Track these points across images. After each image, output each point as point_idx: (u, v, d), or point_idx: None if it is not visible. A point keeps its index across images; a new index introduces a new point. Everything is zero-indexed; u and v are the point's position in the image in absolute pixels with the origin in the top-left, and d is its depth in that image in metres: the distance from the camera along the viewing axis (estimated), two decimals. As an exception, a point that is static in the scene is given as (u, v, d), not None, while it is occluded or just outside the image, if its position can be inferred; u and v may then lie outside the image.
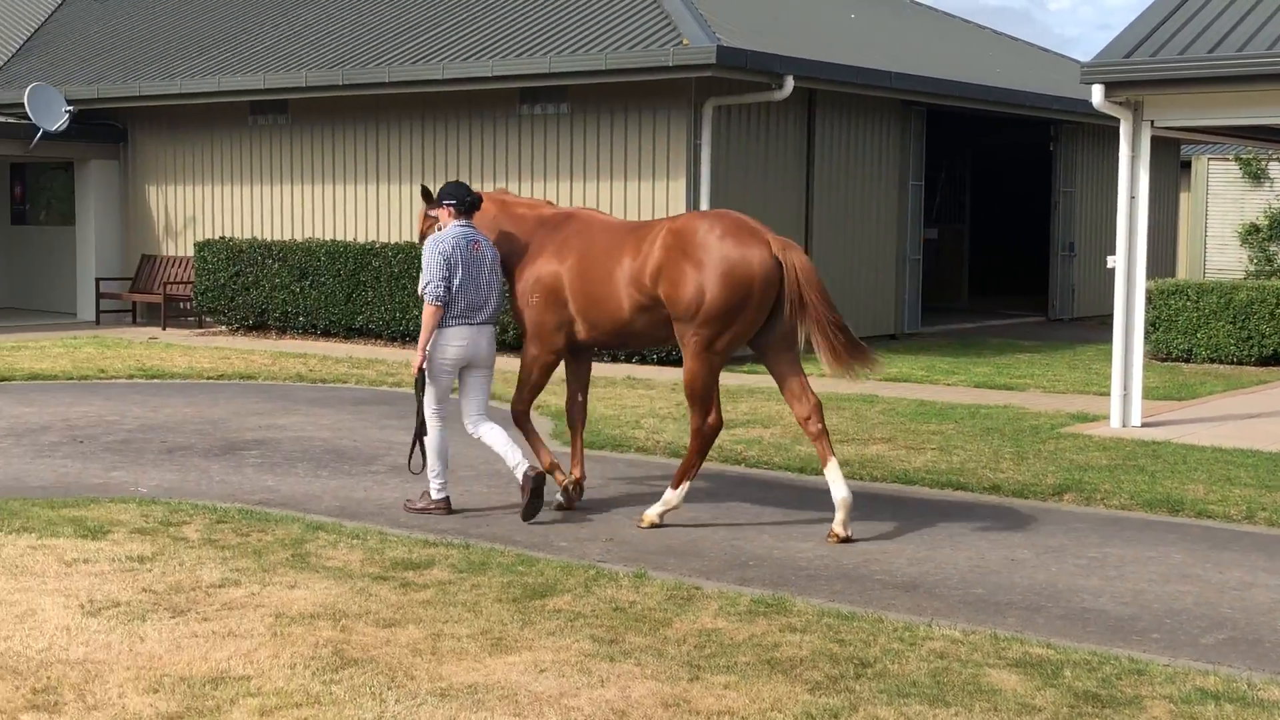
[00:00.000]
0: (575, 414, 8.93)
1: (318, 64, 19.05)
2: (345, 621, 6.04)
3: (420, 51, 18.30)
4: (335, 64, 18.84)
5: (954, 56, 22.51)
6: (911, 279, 20.26)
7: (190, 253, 21.19)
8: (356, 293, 18.45)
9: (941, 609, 6.58)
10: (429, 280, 8.28)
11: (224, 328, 20.19)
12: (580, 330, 8.52)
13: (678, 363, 16.11)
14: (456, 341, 8.36)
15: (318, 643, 5.73)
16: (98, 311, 21.63)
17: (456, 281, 8.28)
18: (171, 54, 21.54)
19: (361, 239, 19.34)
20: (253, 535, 7.65)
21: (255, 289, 19.38)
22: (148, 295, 21.18)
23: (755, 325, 8.09)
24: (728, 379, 15.00)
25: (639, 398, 13.39)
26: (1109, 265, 12.22)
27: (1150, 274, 14.21)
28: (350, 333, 18.78)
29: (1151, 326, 16.23)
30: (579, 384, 8.96)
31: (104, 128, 21.89)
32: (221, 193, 20.98)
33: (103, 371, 15.02)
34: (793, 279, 8.00)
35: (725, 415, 12.20)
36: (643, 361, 16.36)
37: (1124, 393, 11.92)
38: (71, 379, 14.60)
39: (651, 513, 8.26)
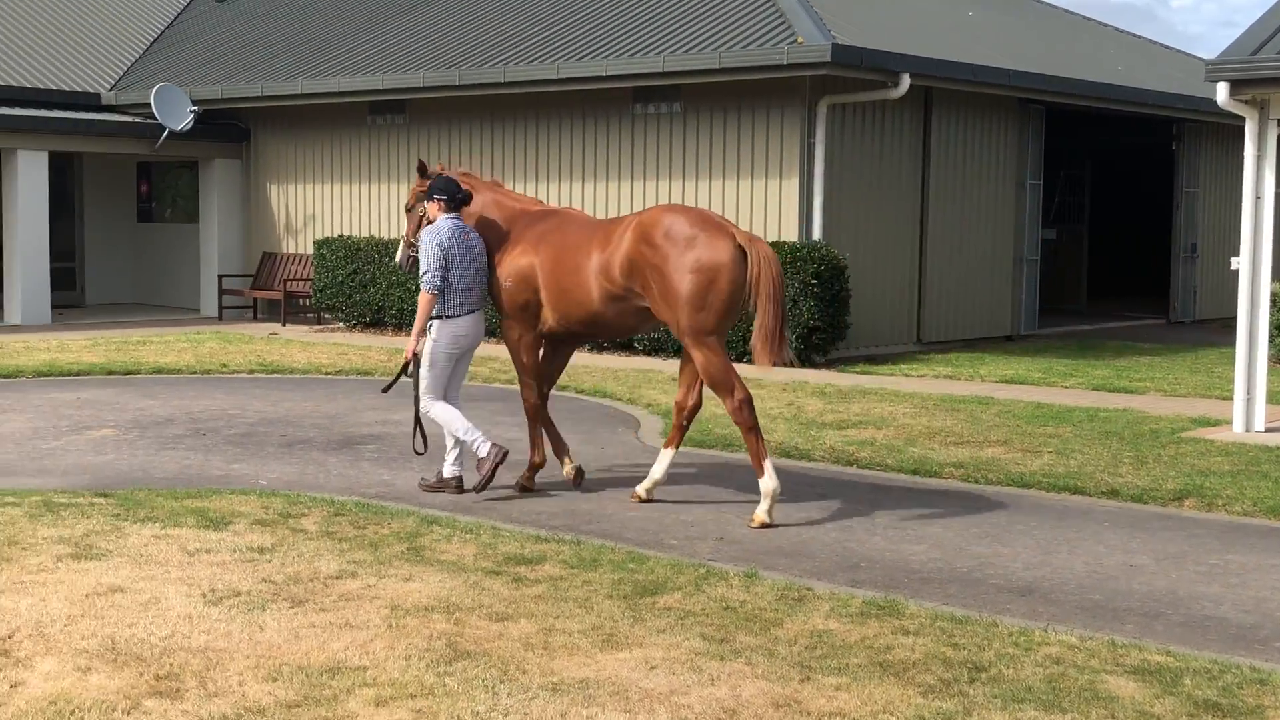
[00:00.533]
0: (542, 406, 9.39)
1: (435, 64, 19.28)
2: (459, 614, 6.11)
3: (535, 52, 18.44)
4: (452, 64, 19.05)
5: (1074, 54, 22.16)
6: (1029, 280, 19.97)
7: (309, 250, 21.57)
8: (470, 290, 18.62)
9: (1057, 614, 6.49)
10: (427, 270, 8.73)
11: (341, 324, 20.51)
12: (549, 318, 8.96)
13: (788, 363, 16.04)
14: (460, 330, 8.85)
15: (432, 635, 5.81)
16: (220, 307, 22.11)
17: (454, 272, 8.76)
18: (293, 55, 21.94)
19: (476, 237, 19.51)
20: (369, 528, 7.76)
21: (372, 286, 19.67)
22: (268, 292, 21.60)
23: (736, 307, 8.44)
24: (840, 379, 14.92)
25: (750, 397, 13.35)
26: (1232, 267, 11.94)
27: (1275, 276, 13.86)
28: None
29: (1276, 330, 15.83)
30: (547, 378, 9.47)
31: (227, 127, 22.36)
32: (340, 191, 21.33)
33: (224, 366, 15.34)
34: (762, 268, 8.29)
35: (837, 416, 12.17)
36: (753, 361, 16.30)
37: (1247, 397, 11.64)
38: (195, 373, 14.94)
39: (760, 512, 8.29)
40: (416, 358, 8.89)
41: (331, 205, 21.48)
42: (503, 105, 19.18)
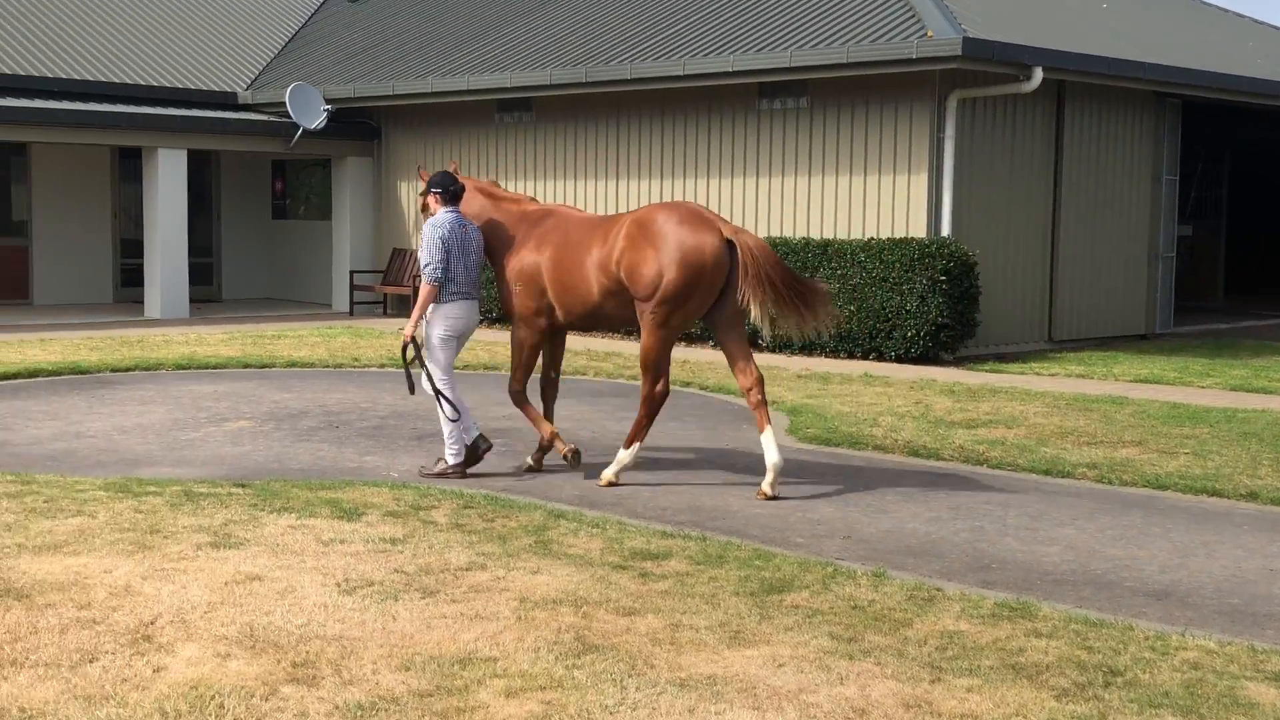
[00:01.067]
0: (548, 389, 9.90)
1: (562, 62, 19.41)
2: (586, 608, 6.15)
3: (661, 48, 18.47)
4: (578, 62, 19.16)
5: (1211, 46, 21.62)
6: (1164, 277, 19.54)
7: (438, 246, 21.83)
8: (596, 287, 18.73)
9: (1195, 619, 6.34)
10: (428, 262, 9.20)
11: (615, 330, 20.70)
12: (558, 313, 9.46)
13: (917, 360, 15.92)
14: (455, 315, 9.34)
15: (560, 628, 5.85)
16: (351, 303, 22.51)
17: (453, 262, 9.25)
18: (424, 54, 22.24)
19: (602, 234, 19.62)
20: (497, 521, 7.85)
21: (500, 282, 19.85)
22: (398, 288, 21.94)
23: (705, 305, 8.95)
24: (969, 377, 14.73)
25: (876, 395, 13.25)
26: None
27: None
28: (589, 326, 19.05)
29: None
30: (552, 363, 9.88)
31: (359, 126, 22.75)
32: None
33: (356, 360, 15.61)
34: (750, 259, 8.73)
35: (967, 415, 12.02)
36: (880, 358, 16.19)
37: (1396, 399, 11.26)
38: (327, 367, 15.23)
39: (608, 472, 9.08)
40: (415, 343, 9.39)
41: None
42: (628, 102, 19.25)
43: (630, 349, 17.25)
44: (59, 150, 22.86)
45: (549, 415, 9.80)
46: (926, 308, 15.62)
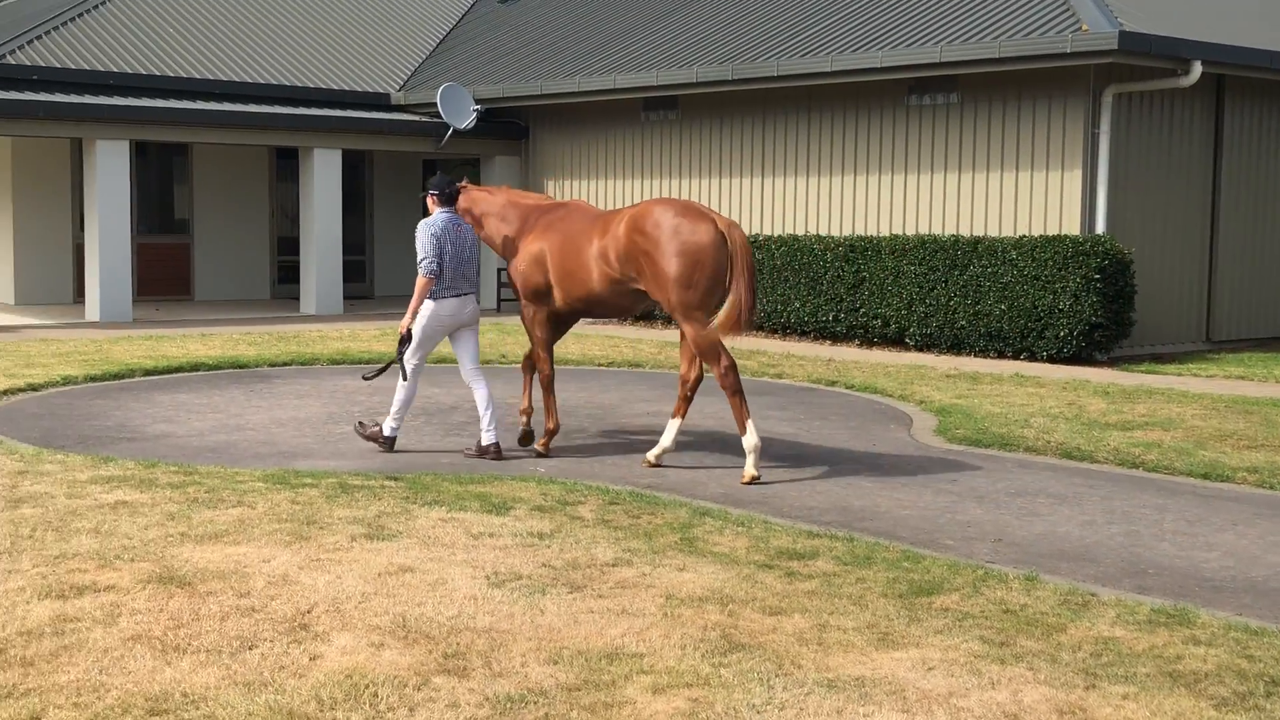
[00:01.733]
0: (527, 365, 10.52)
1: (707, 60, 19.42)
2: (732, 606, 6.15)
3: (808, 45, 18.37)
4: (724, 59, 19.15)
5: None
6: (1329, 276, 18.89)
7: (584, 244, 22.01)
8: (741, 284, 18.70)
9: (1364, 631, 6.11)
10: (424, 257, 9.74)
11: (614, 317, 20.86)
12: (556, 298, 10.02)
13: (1070, 360, 15.60)
14: (447, 311, 9.89)
15: (706, 625, 5.86)
16: (499, 300, 22.79)
17: (446, 258, 9.76)
18: (571, 53, 22.43)
19: (747, 231, 19.60)
20: (643, 518, 7.88)
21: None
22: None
23: (718, 286, 9.28)
24: (1124, 378, 14.39)
25: (1028, 395, 13.02)
26: None
27: None
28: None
29: None
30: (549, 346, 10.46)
31: (508, 125, 23.02)
32: (614, 186, 21.70)
33: (503, 357, 15.80)
34: (735, 252, 9.23)
35: (1121, 416, 11.75)
36: (1032, 358, 15.91)
37: None
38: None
39: (749, 468, 9.20)
40: (409, 333, 9.94)
41: (605, 200, 21.87)
42: (774, 99, 19.19)
43: (773, 346, 17.19)
44: (219, 150, 23.55)
45: (528, 384, 10.59)
46: (1080, 306, 15.31)
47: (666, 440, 9.71)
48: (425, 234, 9.78)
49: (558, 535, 7.38)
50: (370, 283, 25.48)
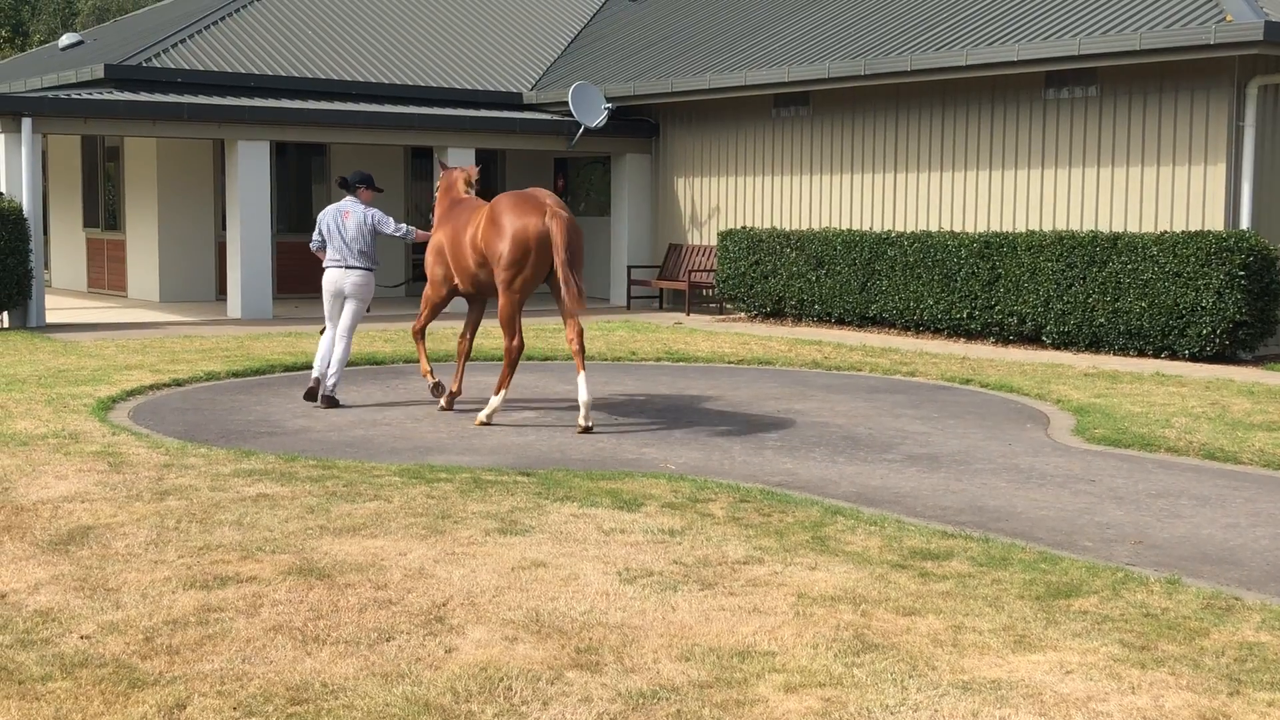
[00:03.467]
0: (461, 348, 12.21)
1: (839, 55, 19.29)
2: (865, 606, 6.10)
3: (941, 38, 18.15)
4: (857, 54, 19.00)
5: None
6: None
7: (713, 242, 22.02)
8: (871, 281, 18.57)
9: None
10: (314, 235, 12.18)
11: (743, 314, 20.84)
12: (455, 280, 11.78)
13: (1212, 359, 15.21)
14: (327, 279, 12.09)
15: (839, 625, 5.82)
16: (629, 297, 22.89)
17: (328, 238, 12.01)
18: (701, 50, 22.43)
19: (877, 228, 19.43)
20: (774, 515, 7.85)
21: (773, 277, 19.88)
22: (673, 282, 22.18)
23: (540, 272, 10.96)
24: (1269, 378, 13.99)
25: (1169, 395, 12.72)
26: None
27: None
28: (864, 321, 18.92)
29: None
30: (470, 325, 12.21)
31: (638, 123, 23.10)
32: (744, 183, 21.65)
33: (634, 354, 15.86)
34: (554, 239, 10.80)
35: (1267, 417, 11.43)
36: (1173, 357, 15.53)
37: None
38: (606, 360, 15.52)
39: (482, 415, 11.14)
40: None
41: (735, 197, 21.85)
42: (907, 94, 18.99)
43: (905, 344, 17.03)
44: (356, 150, 23.97)
45: (461, 367, 12.11)
46: (1223, 304, 14.91)
47: (583, 394, 10.86)
48: (320, 217, 12.13)
49: (689, 532, 7.39)
50: (502, 280, 25.74)
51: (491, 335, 16.47)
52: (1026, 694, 5.06)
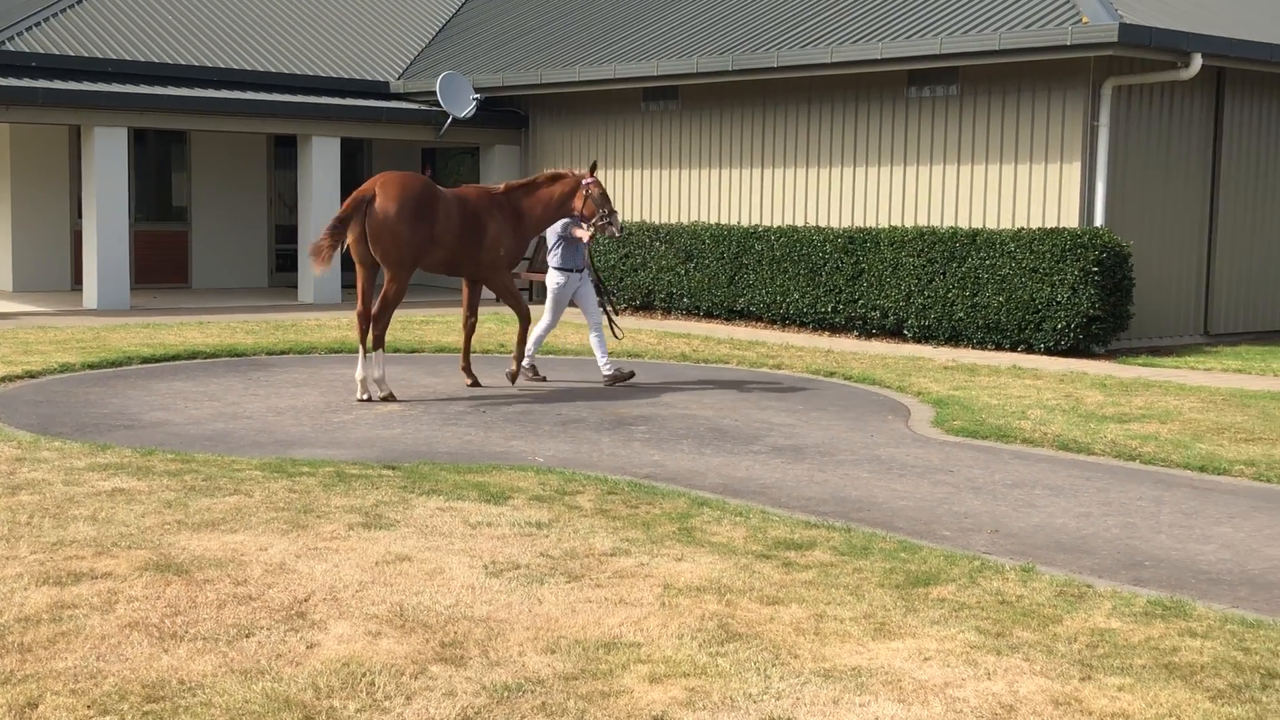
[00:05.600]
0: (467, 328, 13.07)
1: (708, 50, 19.40)
2: (730, 596, 6.16)
3: (808, 36, 18.36)
4: (725, 50, 19.13)
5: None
6: (1328, 270, 18.89)
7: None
8: (739, 275, 18.72)
9: (1360, 624, 6.12)
10: None
11: (611, 306, 20.84)
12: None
13: (1067, 353, 15.60)
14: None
15: (704, 615, 5.86)
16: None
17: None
18: (571, 43, 22.41)
19: (745, 223, 19.59)
20: (641, 507, 7.88)
21: (643, 270, 19.95)
22: (542, 274, 22.09)
23: (366, 243, 12.14)
24: (1121, 371, 14.41)
25: (1025, 387, 13.03)
26: None
27: None
28: (732, 314, 19.08)
29: None
30: (468, 309, 13.04)
31: (507, 114, 22.99)
32: (613, 176, 21.68)
33: (502, 346, 15.80)
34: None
35: (1119, 409, 11.77)
36: (1029, 350, 15.90)
37: None
38: (474, 352, 15.41)
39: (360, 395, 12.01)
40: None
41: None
42: (774, 90, 19.17)
43: (772, 337, 17.20)
44: (218, 138, 23.51)
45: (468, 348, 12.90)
46: (1078, 299, 15.31)
47: (359, 372, 11.97)
48: None
49: (556, 525, 7.39)
50: (368, 271, 25.43)
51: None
52: (886, 681, 5.15)
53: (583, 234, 13.06)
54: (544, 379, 13.33)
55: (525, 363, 13.15)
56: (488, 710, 4.80)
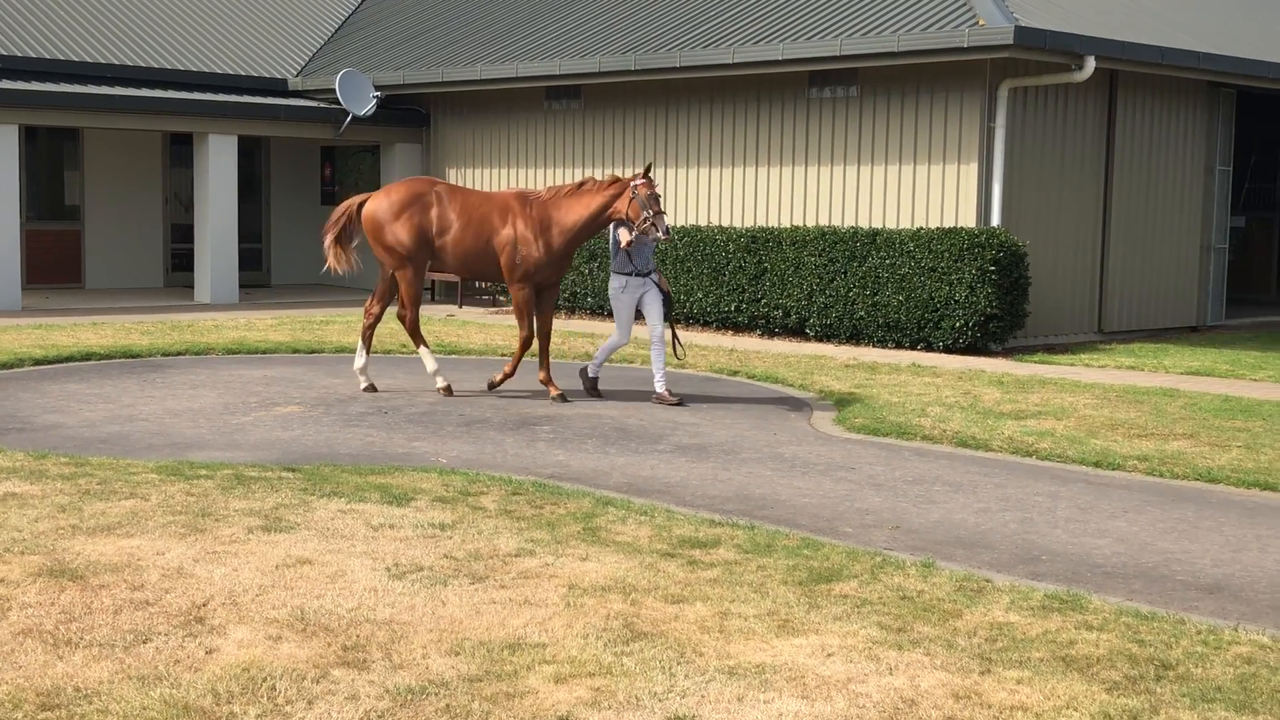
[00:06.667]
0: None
1: (611, 50, 19.40)
2: (635, 595, 6.16)
3: (710, 36, 18.43)
4: (628, 49, 19.14)
5: (1266, 35, 21.35)
6: (1216, 269, 19.35)
7: (485, 233, 21.89)
8: (643, 274, 18.73)
9: (1248, 613, 6.28)
10: None
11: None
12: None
13: (965, 351, 15.83)
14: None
15: (609, 615, 5.86)
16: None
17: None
18: (473, 41, 22.29)
19: (649, 222, 19.60)
20: (546, 508, 7.86)
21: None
22: (445, 274, 21.95)
23: (377, 247, 12.56)
24: (1018, 368, 14.64)
25: (924, 385, 13.20)
26: None
27: None
28: (636, 314, 19.06)
29: None
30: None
31: (409, 113, 22.82)
32: (517, 176, 21.61)
33: (404, 346, 15.66)
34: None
35: (1016, 406, 11.95)
36: (928, 349, 16.10)
37: None
38: (375, 352, 15.27)
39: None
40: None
41: (508, 189, 21.76)
42: (677, 90, 19.22)
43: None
44: (111, 135, 23.07)
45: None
46: (975, 298, 15.53)
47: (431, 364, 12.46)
48: None
49: (460, 526, 7.34)
50: (267, 271, 25.12)
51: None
52: (790, 677, 5.19)
53: (624, 238, 12.26)
54: (596, 394, 12.55)
55: (591, 372, 12.59)
56: (391, 714, 4.76)
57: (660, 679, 5.13)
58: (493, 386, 12.51)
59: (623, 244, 12.26)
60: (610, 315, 16.98)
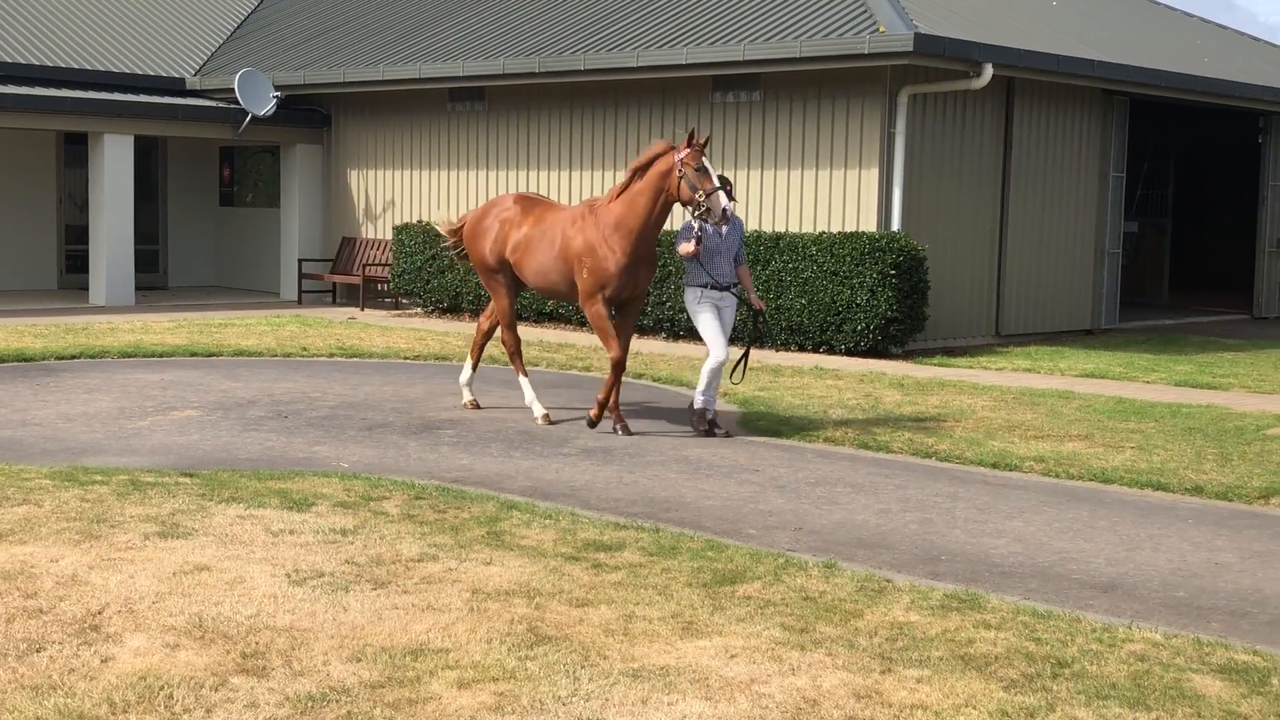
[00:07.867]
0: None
1: (515, 52, 19.35)
2: (539, 599, 6.15)
3: (615, 40, 18.45)
4: (532, 52, 19.10)
5: (1158, 44, 21.85)
6: (1110, 273, 19.74)
7: (388, 236, 21.75)
8: (547, 277, 18.69)
9: (1141, 611, 6.41)
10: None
11: (419, 310, 20.67)
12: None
13: (867, 353, 16.00)
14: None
15: (513, 619, 5.84)
16: (299, 291, 22.35)
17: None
18: (375, 41, 22.11)
19: (553, 224, 19.56)
20: (449, 512, 7.82)
21: (450, 272, 19.78)
22: (347, 276, 21.80)
23: (477, 265, 11.92)
24: (918, 371, 14.83)
25: (826, 388, 13.32)
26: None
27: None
28: (541, 317, 19.06)
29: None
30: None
31: (309, 113, 22.58)
32: (420, 177, 21.48)
33: (305, 349, 15.51)
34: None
35: (915, 408, 12.11)
36: (830, 351, 16.24)
37: (1337, 395, 11.43)
38: (276, 356, 15.12)
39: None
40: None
41: (411, 191, 21.64)
42: (582, 93, 19.22)
43: (582, 340, 17.25)
44: (3, 135, 22.55)
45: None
46: (876, 301, 15.70)
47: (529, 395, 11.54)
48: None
49: (361, 531, 7.28)
50: (164, 273, 24.71)
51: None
52: (694, 679, 5.20)
53: (685, 248, 10.48)
54: (719, 431, 10.79)
55: (698, 404, 10.79)
56: (292, 721, 4.70)
57: (565, 683, 5.12)
58: (593, 424, 10.90)
59: (680, 252, 10.55)
60: (681, 336, 17.10)
